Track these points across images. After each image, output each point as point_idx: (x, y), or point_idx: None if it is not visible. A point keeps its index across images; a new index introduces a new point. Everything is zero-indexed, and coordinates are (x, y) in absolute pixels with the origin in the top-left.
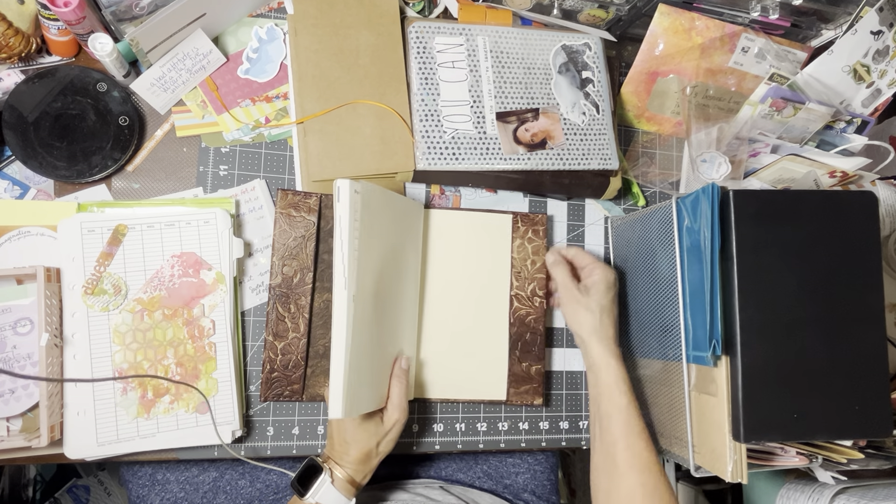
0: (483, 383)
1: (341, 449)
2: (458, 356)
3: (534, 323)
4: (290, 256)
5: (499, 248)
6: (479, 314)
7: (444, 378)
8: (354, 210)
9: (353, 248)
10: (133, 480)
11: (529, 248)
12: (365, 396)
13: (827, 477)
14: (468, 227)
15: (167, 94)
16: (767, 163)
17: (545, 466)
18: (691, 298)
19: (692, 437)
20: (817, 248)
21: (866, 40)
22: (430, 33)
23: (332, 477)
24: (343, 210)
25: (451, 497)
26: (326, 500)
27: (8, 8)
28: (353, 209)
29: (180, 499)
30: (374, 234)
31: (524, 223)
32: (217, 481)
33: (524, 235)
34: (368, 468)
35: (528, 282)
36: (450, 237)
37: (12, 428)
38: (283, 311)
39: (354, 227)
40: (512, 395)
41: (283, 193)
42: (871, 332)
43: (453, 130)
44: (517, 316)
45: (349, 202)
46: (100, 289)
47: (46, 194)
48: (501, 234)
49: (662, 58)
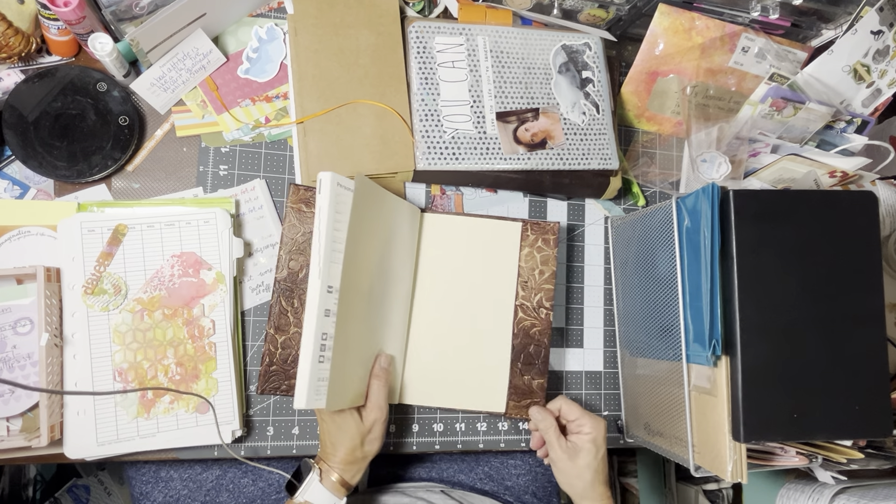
0: (482, 394)
1: (330, 450)
2: (458, 365)
3: (538, 335)
4: (297, 251)
5: (506, 256)
6: (481, 323)
7: (442, 386)
8: (335, 203)
9: (332, 239)
10: (136, 477)
11: (538, 258)
12: (347, 392)
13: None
14: (475, 234)
15: (167, 94)
16: (767, 163)
17: (546, 468)
18: (691, 298)
19: (692, 437)
20: (817, 248)
21: (866, 40)
22: (430, 33)
23: (321, 476)
24: (323, 201)
25: (451, 501)
26: (315, 499)
27: (8, 8)
28: (333, 202)
29: (183, 496)
30: (362, 229)
31: (534, 231)
32: (220, 479)
33: (533, 244)
34: (357, 468)
35: (535, 292)
36: (455, 243)
37: (12, 428)
38: (287, 306)
39: (336, 219)
40: (512, 408)
41: (294, 188)
42: (871, 332)
43: (453, 130)
44: (521, 327)
45: (329, 194)
46: (100, 289)
47: (46, 194)
48: (509, 242)
49: (662, 58)
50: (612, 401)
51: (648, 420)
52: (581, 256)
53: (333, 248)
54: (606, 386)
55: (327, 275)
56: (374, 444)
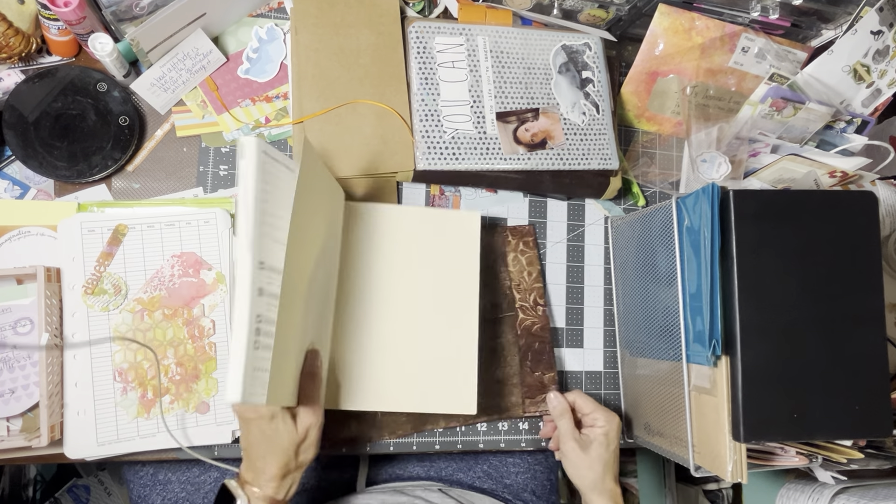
0: (449, 396)
1: (258, 465)
2: (416, 366)
3: (540, 331)
4: None
5: (465, 248)
6: (442, 320)
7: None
8: (262, 172)
9: (261, 211)
10: (134, 480)
11: (524, 260)
12: (285, 389)
13: (827, 477)
14: (428, 226)
15: (167, 94)
16: (767, 163)
17: (545, 466)
18: (691, 298)
19: (692, 437)
20: (817, 248)
21: (866, 40)
22: (430, 33)
23: (249, 502)
24: (248, 168)
25: (449, 500)
26: None
27: (8, 8)
28: (260, 170)
29: (182, 499)
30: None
31: (514, 236)
32: (219, 481)
33: (516, 248)
34: (290, 482)
35: (529, 293)
36: (404, 234)
37: (12, 428)
38: None
39: (264, 189)
40: (528, 406)
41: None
42: (871, 332)
43: (453, 130)
44: (524, 327)
45: (256, 162)
46: (100, 289)
47: (46, 194)
48: (468, 233)
49: (662, 58)
50: (612, 401)
51: (648, 420)
52: (581, 256)
53: (264, 222)
54: (606, 386)
55: (258, 248)
56: (309, 453)
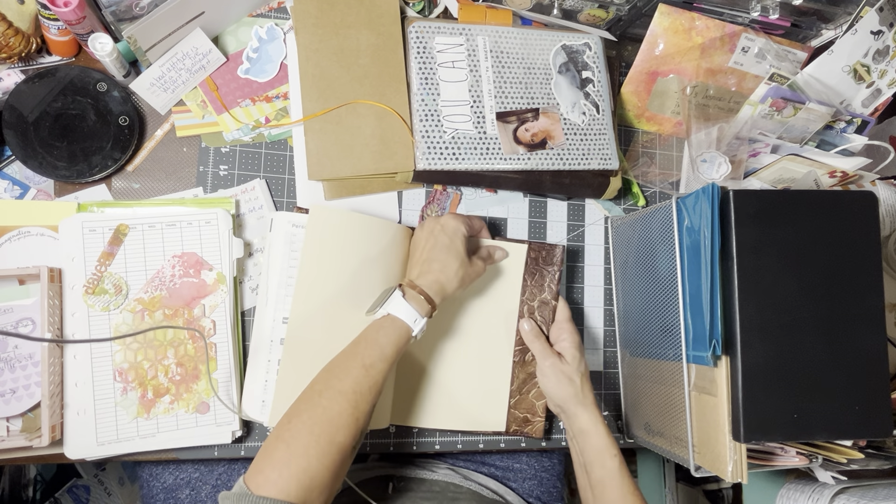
0: (482, 415)
1: (423, 267)
2: (457, 387)
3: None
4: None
5: (508, 276)
6: (483, 345)
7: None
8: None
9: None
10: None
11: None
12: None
13: (827, 477)
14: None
15: (167, 94)
16: (767, 163)
17: (552, 473)
18: (691, 298)
19: (692, 437)
20: (817, 248)
21: (866, 40)
22: (430, 33)
23: (403, 292)
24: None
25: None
26: (397, 311)
27: (8, 8)
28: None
29: (195, 479)
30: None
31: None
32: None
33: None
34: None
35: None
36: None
37: (12, 428)
38: None
39: (290, 255)
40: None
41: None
42: (871, 332)
43: (453, 130)
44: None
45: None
46: (101, 288)
47: (46, 194)
48: (513, 263)
49: (662, 58)
50: (612, 401)
51: (649, 420)
52: (581, 256)
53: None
54: (606, 386)
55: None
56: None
